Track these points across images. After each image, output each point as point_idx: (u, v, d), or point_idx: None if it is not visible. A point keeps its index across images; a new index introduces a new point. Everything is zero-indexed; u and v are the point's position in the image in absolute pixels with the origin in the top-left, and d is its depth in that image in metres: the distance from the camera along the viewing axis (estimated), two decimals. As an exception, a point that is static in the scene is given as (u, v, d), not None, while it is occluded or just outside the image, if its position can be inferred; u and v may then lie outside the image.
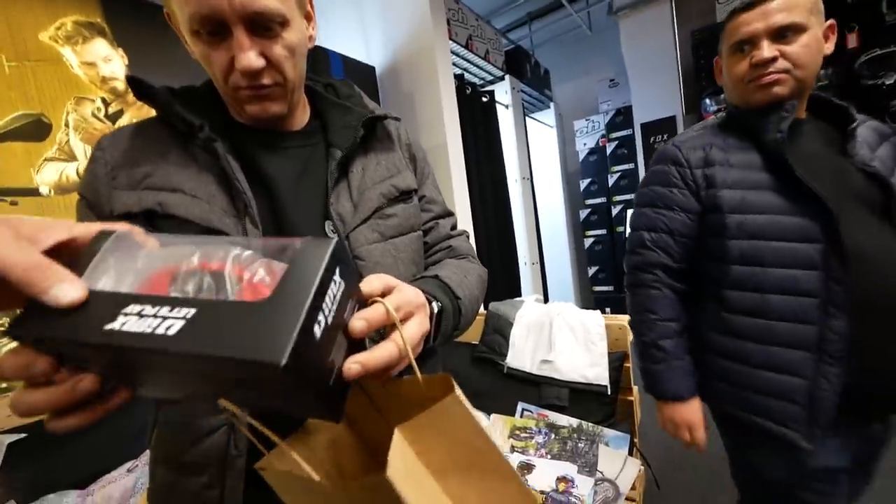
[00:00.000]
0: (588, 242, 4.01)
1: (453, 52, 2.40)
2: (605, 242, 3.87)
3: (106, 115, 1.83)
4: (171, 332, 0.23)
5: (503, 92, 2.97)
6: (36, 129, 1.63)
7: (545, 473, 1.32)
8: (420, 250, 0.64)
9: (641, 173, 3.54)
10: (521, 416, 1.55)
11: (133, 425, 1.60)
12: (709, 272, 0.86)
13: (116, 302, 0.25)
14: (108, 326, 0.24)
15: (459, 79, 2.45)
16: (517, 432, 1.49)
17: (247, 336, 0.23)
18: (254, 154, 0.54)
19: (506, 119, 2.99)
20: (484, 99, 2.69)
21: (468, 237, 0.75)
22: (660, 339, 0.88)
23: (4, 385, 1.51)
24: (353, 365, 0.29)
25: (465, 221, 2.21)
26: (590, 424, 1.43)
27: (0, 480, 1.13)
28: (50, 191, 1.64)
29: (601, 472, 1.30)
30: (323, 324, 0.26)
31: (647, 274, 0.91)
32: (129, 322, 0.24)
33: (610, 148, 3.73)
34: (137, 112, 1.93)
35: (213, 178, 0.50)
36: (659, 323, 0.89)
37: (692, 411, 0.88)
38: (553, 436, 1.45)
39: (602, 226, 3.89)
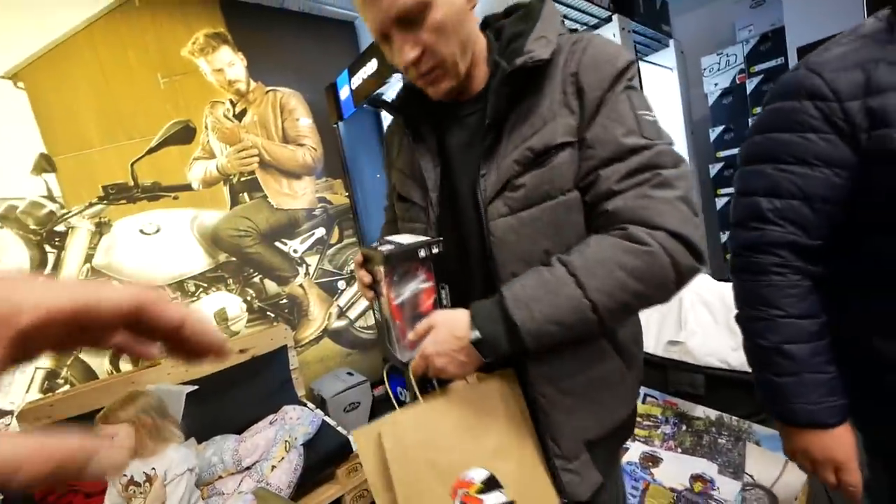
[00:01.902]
0: (721, 203, 3.38)
1: (550, -2, 2.14)
2: (745, 202, 3.21)
3: (234, 115, 2.08)
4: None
5: (611, 35, 2.58)
6: (185, 134, 1.93)
7: (676, 469, 1.15)
8: (561, 219, 0.55)
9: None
10: (644, 402, 1.38)
11: (273, 382, 1.87)
12: (877, 250, 0.60)
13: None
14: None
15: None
16: (640, 419, 1.34)
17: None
18: (443, 128, 0.64)
19: (614, 66, 2.61)
20: (587, 46, 2.37)
21: (660, 183, 0.50)
22: (786, 344, 0.64)
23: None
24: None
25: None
26: (734, 418, 1.20)
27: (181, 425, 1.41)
28: (199, 185, 1.95)
29: (750, 476, 1.08)
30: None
31: (768, 256, 0.65)
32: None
33: (751, 85, 3.02)
34: (257, 109, 2.15)
35: (412, 157, 0.65)
36: (785, 321, 0.64)
37: (839, 444, 0.63)
38: (684, 427, 1.26)
39: (740, 182, 3.24)
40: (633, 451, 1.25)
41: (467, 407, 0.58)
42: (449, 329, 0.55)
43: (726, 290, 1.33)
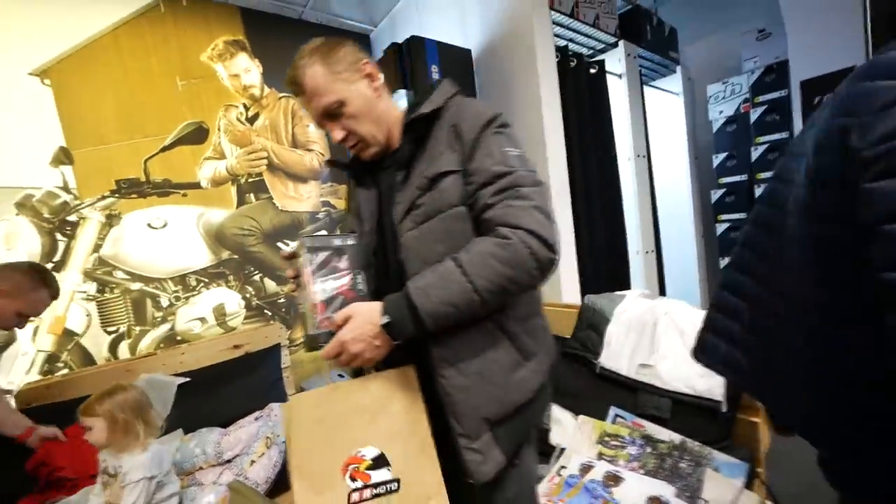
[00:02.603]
0: (721, 228, 3.40)
1: (556, 23, 2.21)
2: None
3: (246, 119, 2.18)
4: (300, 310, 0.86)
5: (616, 60, 2.65)
6: (198, 135, 2.03)
7: (635, 489, 1.19)
8: (451, 228, 0.71)
9: (800, 144, 2.84)
10: (614, 422, 1.42)
11: (265, 379, 1.94)
12: None
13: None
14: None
15: (563, 51, 2.25)
16: (607, 439, 1.38)
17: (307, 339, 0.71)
18: (376, 175, 0.83)
19: (618, 90, 2.66)
20: (592, 70, 2.43)
21: (518, 196, 0.67)
22: None
23: (179, 338, 1.96)
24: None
25: (563, 206, 2.06)
26: (696, 444, 1.24)
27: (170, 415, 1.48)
28: (207, 183, 2.04)
29: (705, 501, 1.12)
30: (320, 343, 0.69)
31: None
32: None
33: (755, 115, 3.05)
34: (269, 114, 2.25)
35: (357, 200, 0.85)
36: None
37: None
38: (649, 449, 1.29)
39: (740, 208, 3.25)
40: (598, 470, 1.28)
41: (368, 393, 0.68)
42: (365, 318, 0.67)
43: (699, 317, 1.37)
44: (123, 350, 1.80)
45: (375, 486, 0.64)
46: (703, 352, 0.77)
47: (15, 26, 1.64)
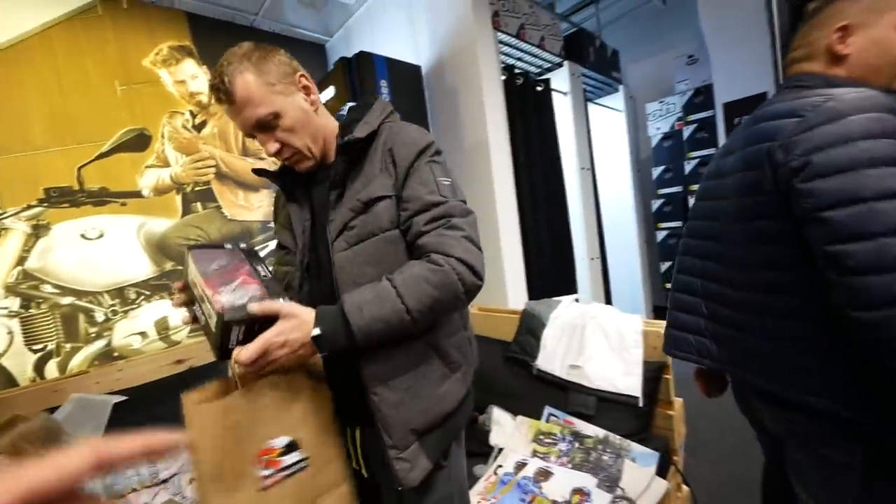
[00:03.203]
0: (661, 236, 3.67)
1: (503, 43, 2.33)
2: (681, 235, 3.48)
3: (193, 126, 2.14)
4: (202, 322, 0.67)
5: (562, 79, 2.82)
6: (139, 142, 1.97)
7: (562, 483, 1.28)
8: (381, 250, 0.73)
9: (723, 160, 3.13)
10: (548, 421, 1.52)
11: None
12: None
13: (194, 299, 0.68)
14: (195, 311, 0.70)
15: (510, 70, 2.37)
16: (541, 437, 1.47)
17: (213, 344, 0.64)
18: (309, 189, 0.82)
19: (564, 107, 2.83)
20: (538, 88, 2.58)
21: (451, 226, 0.71)
22: None
23: (117, 354, 1.88)
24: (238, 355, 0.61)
25: (509, 216, 2.17)
26: (617, 437, 1.35)
27: (105, 434, 1.42)
28: (149, 192, 1.98)
29: (622, 489, 1.23)
30: (233, 343, 0.62)
31: None
32: (198, 313, 0.68)
33: (687, 132, 3.33)
34: (218, 122, 2.22)
35: (287, 213, 0.83)
36: None
37: None
38: (577, 445, 1.40)
39: (677, 217, 3.53)
40: (531, 466, 1.37)
41: (276, 387, 0.68)
42: (296, 323, 0.64)
43: (623, 321, 1.50)
44: (51, 369, 1.71)
45: (286, 468, 0.66)
46: (674, 346, 0.91)
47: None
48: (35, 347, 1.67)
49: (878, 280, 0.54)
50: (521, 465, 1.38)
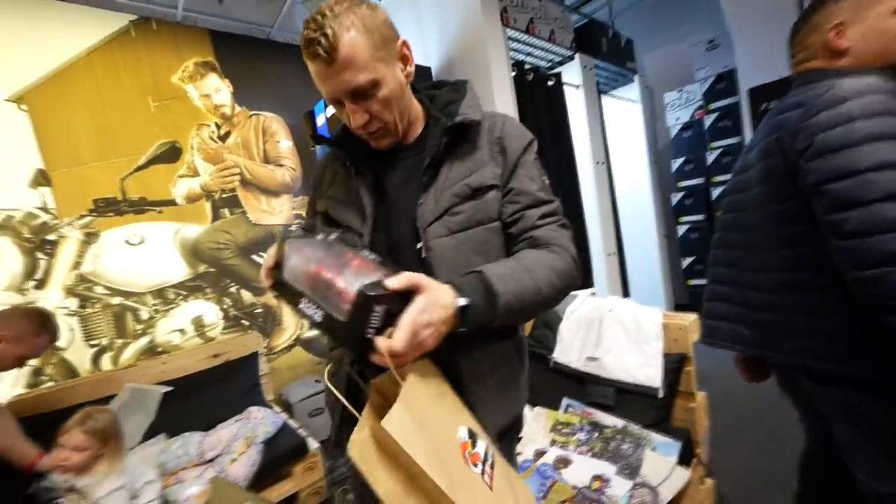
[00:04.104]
0: (682, 230, 3.59)
1: (513, 39, 2.36)
2: (703, 229, 3.41)
3: (218, 137, 2.27)
4: (318, 318, 0.54)
5: (573, 72, 2.81)
6: (172, 153, 2.11)
7: (582, 470, 1.32)
8: (490, 240, 0.70)
9: (746, 148, 3.03)
10: (566, 412, 1.55)
11: (243, 386, 2.02)
12: None
13: (298, 293, 0.56)
14: (300, 306, 0.56)
15: (519, 66, 2.40)
16: (559, 427, 1.50)
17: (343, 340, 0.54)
18: (379, 170, 0.75)
19: (577, 101, 2.83)
20: (549, 82, 2.58)
21: (562, 224, 0.71)
22: None
23: (160, 349, 2.03)
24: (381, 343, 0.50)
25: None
26: (636, 427, 1.37)
27: (155, 421, 1.55)
28: (182, 200, 2.12)
29: (643, 477, 1.25)
30: (372, 331, 0.49)
31: None
32: (305, 307, 0.55)
33: (709, 121, 3.25)
34: (240, 131, 2.34)
35: (353, 190, 0.74)
36: None
37: None
38: (596, 434, 1.42)
39: (698, 210, 3.44)
40: (550, 455, 1.41)
41: (426, 379, 0.59)
42: (435, 296, 0.53)
43: (642, 313, 1.51)
44: (106, 362, 1.86)
45: (485, 460, 0.58)
46: (711, 335, 0.96)
47: (-11, 54, 1.70)
48: (92, 343, 1.84)
49: (872, 241, 0.60)
50: (540, 454, 1.42)
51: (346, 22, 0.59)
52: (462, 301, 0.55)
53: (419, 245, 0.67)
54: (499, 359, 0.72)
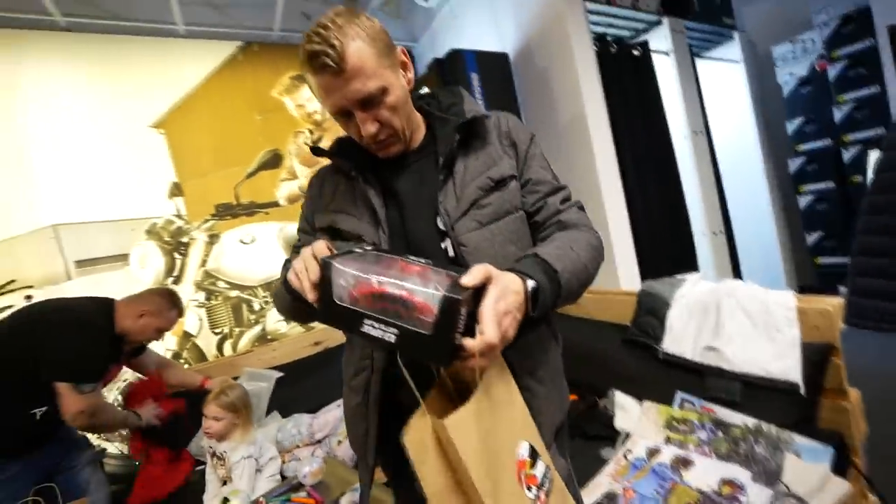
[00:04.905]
0: (804, 201, 3.05)
1: (592, 12, 2.20)
2: (833, 199, 2.87)
3: (312, 141, 2.45)
4: (391, 338, 0.48)
5: (662, 38, 2.55)
6: (275, 160, 2.33)
7: (706, 472, 1.18)
8: (520, 229, 0.70)
9: (892, 97, 2.49)
10: (681, 407, 1.40)
11: (340, 373, 2.16)
12: None
13: (359, 315, 0.50)
14: (363, 329, 0.49)
15: (601, 39, 2.23)
16: (675, 423, 1.37)
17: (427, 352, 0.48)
18: (387, 177, 0.72)
19: (667, 68, 2.56)
20: (635, 52, 2.37)
21: (580, 207, 0.74)
22: None
23: (270, 337, 2.25)
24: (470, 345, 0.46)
25: (613, 193, 2.05)
26: (773, 427, 1.19)
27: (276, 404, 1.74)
28: (285, 202, 2.34)
29: (786, 486, 1.08)
30: (459, 336, 0.46)
31: None
32: (370, 329, 0.49)
33: (834, 71, 2.74)
34: (330, 135, 2.50)
35: (361, 200, 0.71)
36: None
37: None
38: (721, 434, 1.26)
39: (826, 176, 2.89)
40: (666, 453, 1.28)
41: (499, 380, 0.56)
42: (505, 283, 0.51)
43: (770, 297, 1.31)
44: (227, 348, 2.13)
45: (541, 485, 0.54)
46: (857, 315, 0.83)
47: (132, 90, 2.02)
48: (216, 331, 2.11)
49: None
50: (654, 452, 1.30)
51: (351, 32, 0.59)
52: (531, 283, 0.54)
53: (443, 244, 0.66)
54: (543, 349, 0.70)
